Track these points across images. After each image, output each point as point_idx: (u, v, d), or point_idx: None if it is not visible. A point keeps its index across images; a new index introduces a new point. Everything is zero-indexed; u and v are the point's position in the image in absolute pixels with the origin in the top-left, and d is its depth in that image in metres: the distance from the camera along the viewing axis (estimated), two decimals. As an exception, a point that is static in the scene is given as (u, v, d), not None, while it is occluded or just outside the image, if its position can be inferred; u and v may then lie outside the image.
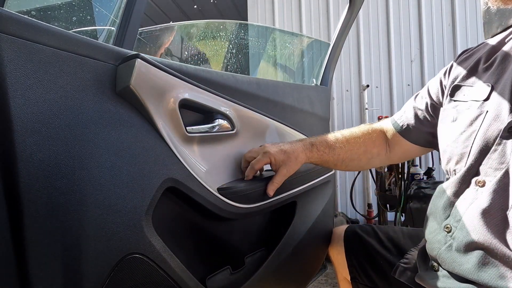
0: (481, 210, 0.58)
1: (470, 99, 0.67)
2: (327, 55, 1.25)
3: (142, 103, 0.58)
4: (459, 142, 0.66)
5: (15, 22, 0.44)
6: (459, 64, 0.75)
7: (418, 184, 1.97)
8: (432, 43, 2.99)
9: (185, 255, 0.71)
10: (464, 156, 0.64)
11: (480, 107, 0.64)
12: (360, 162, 0.89)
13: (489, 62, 0.68)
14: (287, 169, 0.80)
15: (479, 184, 0.61)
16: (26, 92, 0.44)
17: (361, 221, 2.94)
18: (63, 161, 0.47)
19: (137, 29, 0.68)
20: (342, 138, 0.88)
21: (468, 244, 0.59)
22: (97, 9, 1.26)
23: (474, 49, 0.76)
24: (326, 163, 0.87)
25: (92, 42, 0.53)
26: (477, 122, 0.63)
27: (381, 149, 0.90)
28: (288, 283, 0.98)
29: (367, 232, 0.94)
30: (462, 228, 0.61)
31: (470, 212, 0.60)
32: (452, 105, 0.72)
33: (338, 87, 3.19)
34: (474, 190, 0.61)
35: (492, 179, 0.58)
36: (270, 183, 0.81)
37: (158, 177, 0.60)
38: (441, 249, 0.65)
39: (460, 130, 0.66)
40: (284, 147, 0.81)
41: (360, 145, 0.87)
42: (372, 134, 0.90)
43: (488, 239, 0.56)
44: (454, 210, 0.64)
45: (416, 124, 0.83)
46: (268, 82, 0.97)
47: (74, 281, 0.49)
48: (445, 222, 0.66)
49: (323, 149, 0.84)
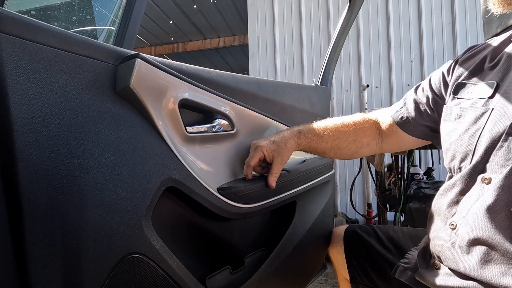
0: (486, 207, 0.57)
1: (474, 97, 0.67)
2: (327, 55, 1.25)
3: (142, 103, 0.58)
4: (463, 139, 0.65)
5: (15, 22, 0.44)
6: (463, 62, 0.75)
7: (417, 184, 1.97)
8: (432, 43, 2.99)
9: (185, 255, 0.71)
10: (469, 153, 0.64)
11: (485, 105, 0.64)
12: (349, 151, 0.89)
13: (495, 61, 0.68)
14: (281, 157, 0.81)
15: (485, 181, 0.60)
16: (26, 92, 0.44)
17: (361, 221, 2.94)
18: (63, 161, 0.47)
19: (137, 29, 0.68)
20: (332, 127, 0.88)
21: (472, 241, 0.59)
22: (97, 9, 1.26)
23: (478, 48, 0.75)
24: (315, 150, 0.88)
25: (92, 42, 0.53)
26: (482, 119, 0.63)
27: (371, 139, 0.90)
28: (288, 283, 0.98)
29: (367, 232, 0.94)
30: (467, 225, 0.61)
31: (475, 209, 0.60)
32: (455, 102, 0.71)
33: (338, 87, 3.19)
34: (480, 187, 0.61)
35: (498, 176, 0.58)
36: (269, 175, 0.81)
37: (158, 177, 0.60)
38: (445, 246, 0.65)
39: (464, 127, 0.66)
40: (273, 138, 0.82)
41: (350, 134, 0.88)
42: (364, 124, 0.90)
43: (492, 235, 0.56)
44: (460, 207, 0.64)
45: (416, 117, 0.83)
46: (268, 82, 0.97)
47: (74, 281, 0.49)
48: (451, 219, 0.65)
49: (311, 136, 0.85)
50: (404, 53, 3.05)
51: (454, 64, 0.77)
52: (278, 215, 0.96)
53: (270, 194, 0.85)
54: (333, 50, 1.24)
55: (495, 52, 0.69)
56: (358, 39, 3.15)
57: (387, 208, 2.25)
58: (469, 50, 0.77)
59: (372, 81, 3.10)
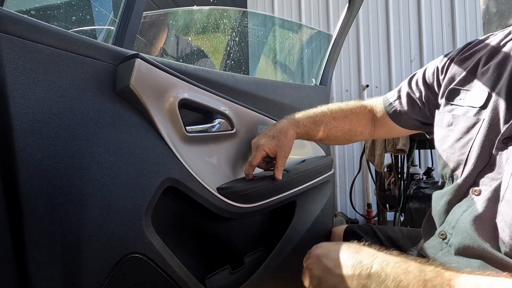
0: (474, 217, 0.59)
1: (467, 104, 0.67)
2: (326, 55, 1.25)
3: (141, 102, 0.58)
4: (455, 148, 0.66)
5: (15, 21, 0.44)
6: (458, 63, 0.74)
7: (417, 184, 1.97)
8: (432, 43, 2.99)
9: (185, 254, 0.71)
10: (461, 163, 0.65)
11: (477, 115, 0.64)
12: (343, 139, 0.92)
13: (486, 67, 0.68)
14: (284, 150, 0.81)
15: (475, 192, 0.62)
16: (25, 92, 0.44)
17: (361, 221, 2.94)
18: (62, 160, 0.47)
19: (137, 28, 0.68)
20: (330, 114, 0.89)
21: (463, 249, 0.61)
22: (97, 8, 1.26)
23: (474, 47, 0.74)
24: (312, 138, 0.90)
25: (92, 42, 0.53)
26: (474, 130, 0.64)
27: (365, 129, 0.93)
28: (287, 283, 0.98)
29: (366, 232, 0.94)
30: (457, 235, 0.62)
31: (463, 219, 0.61)
32: (448, 108, 0.71)
33: (338, 87, 3.19)
34: (470, 199, 0.63)
35: (488, 188, 0.59)
36: (274, 169, 0.82)
37: (158, 177, 0.60)
38: (437, 254, 0.66)
39: (456, 136, 0.67)
40: (271, 133, 0.82)
41: (345, 124, 0.90)
42: (359, 114, 0.92)
43: (481, 244, 0.58)
44: (449, 217, 0.66)
45: (408, 111, 0.84)
46: (268, 82, 0.98)
47: (74, 280, 0.49)
48: (440, 228, 0.67)
49: (309, 124, 0.86)
50: (404, 53, 3.05)
51: (449, 62, 0.76)
52: (277, 215, 0.96)
53: (270, 194, 0.85)
54: (333, 49, 1.24)
55: (488, 55, 0.69)
56: (358, 39, 3.15)
57: (386, 208, 2.25)
58: (466, 47, 0.76)
59: (372, 81, 3.09)
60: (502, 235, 0.56)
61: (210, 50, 2.03)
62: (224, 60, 2.06)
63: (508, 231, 0.55)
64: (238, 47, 2.04)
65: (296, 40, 2.27)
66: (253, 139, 0.83)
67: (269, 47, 2.26)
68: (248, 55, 2.26)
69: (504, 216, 0.56)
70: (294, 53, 2.21)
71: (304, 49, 2.22)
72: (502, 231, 0.56)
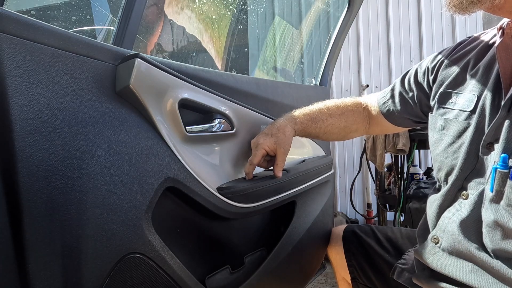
0: (460, 221, 0.61)
1: (458, 108, 0.68)
2: (326, 55, 1.25)
3: (141, 102, 0.58)
4: (448, 153, 0.67)
5: (15, 21, 0.44)
6: (449, 64, 0.74)
7: (417, 184, 1.97)
8: (432, 43, 2.99)
9: (185, 254, 0.71)
10: (454, 168, 0.66)
11: (467, 119, 0.65)
12: (339, 136, 0.94)
13: (475, 69, 0.68)
14: (283, 147, 0.82)
15: (463, 196, 0.63)
16: (25, 92, 0.44)
17: (361, 221, 2.94)
18: (63, 160, 0.47)
19: (136, 28, 0.68)
20: (326, 111, 0.90)
21: (456, 253, 0.62)
22: (97, 8, 1.26)
23: (465, 48, 0.74)
24: (309, 135, 0.91)
25: (92, 42, 0.53)
26: (465, 134, 0.65)
27: (360, 126, 0.94)
28: (287, 283, 0.98)
29: (366, 232, 0.94)
30: (447, 239, 0.64)
31: (451, 223, 0.63)
32: (440, 112, 0.72)
33: (338, 87, 3.19)
34: (459, 203, 0.64)
35: (474, 192, 0.61)
36: (274, 166, 0.82)
37: (158, 177, 0.60)
38: (430, 258, 0.67)
39: (449, 140, 0.67)
40: (270, 131, 0.83)
41: (341, 121, 0.91)
42: (355, 111, 0.93)
43: (469, 248, 0.59)
44: (440, 221, 0.67)
45: (401, 110, 0.85)
46: (267, 82, 0.98)
47: (74, 280, 0.49)
48: (432, 232, 0.69)
49: (306, 122, 0.87)
50: (404, 53, 3.05)
51: (439, 63, 0.76)
52: (277, 215, 0.96)
53: (270, 194, 0.85)
54: (333, 49, 1.24)
55: (477, 57, 0.69)
56: (358, 39, 3.15)
57: (386, 208, 2.26)
58: (458, 47, 0.75)
59: (372, 81, 3.09)
60: (485, 240, 0.58)
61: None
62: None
63: (488, 236, 0.57)
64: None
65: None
66: (252, 138, 0.83)
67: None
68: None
69: (486, 220, 0.57)
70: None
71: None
72: (485, 235, 0.58)
